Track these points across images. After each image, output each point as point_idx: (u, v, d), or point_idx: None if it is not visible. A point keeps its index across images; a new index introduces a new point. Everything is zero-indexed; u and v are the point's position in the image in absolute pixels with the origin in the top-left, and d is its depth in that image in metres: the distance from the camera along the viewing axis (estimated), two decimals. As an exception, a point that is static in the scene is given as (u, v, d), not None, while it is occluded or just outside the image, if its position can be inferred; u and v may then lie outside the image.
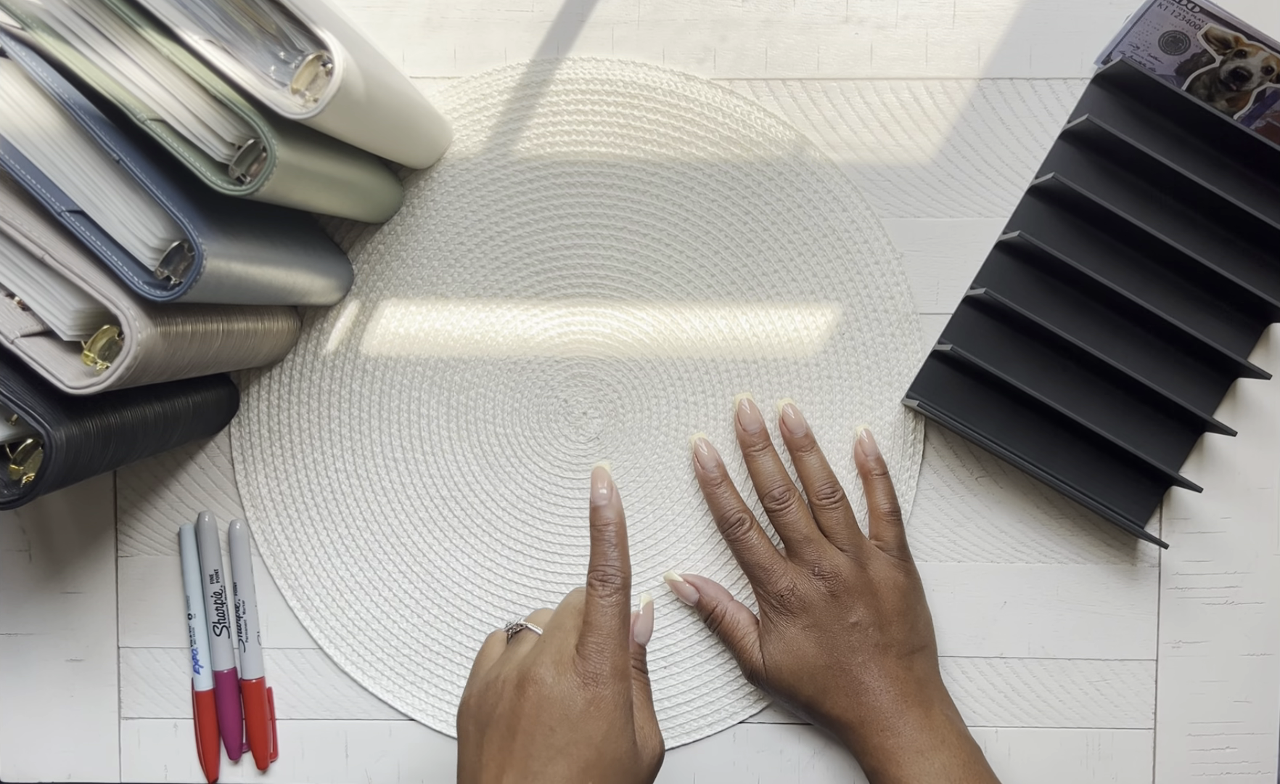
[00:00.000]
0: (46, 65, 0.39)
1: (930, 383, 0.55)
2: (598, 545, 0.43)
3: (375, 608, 0.56)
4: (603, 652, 0.41)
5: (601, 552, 0.43)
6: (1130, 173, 0.54)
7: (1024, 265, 0.54)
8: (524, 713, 0.40)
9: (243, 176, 0.39)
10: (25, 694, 0.57)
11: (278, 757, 0.56)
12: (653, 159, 0.55)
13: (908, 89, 0.55)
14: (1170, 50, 0.52)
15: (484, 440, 0.56)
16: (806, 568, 0.52)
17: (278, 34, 0.38)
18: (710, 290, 0.55)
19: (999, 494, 0.55)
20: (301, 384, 0.56)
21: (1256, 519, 0.55)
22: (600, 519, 0.43)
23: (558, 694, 0.40)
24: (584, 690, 0.40)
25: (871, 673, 0.50)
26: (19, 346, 0.39)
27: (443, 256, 0.55)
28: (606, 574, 0.42)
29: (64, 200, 0.39)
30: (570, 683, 0.41)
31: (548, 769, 0.39)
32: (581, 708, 0.40)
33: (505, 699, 0.41)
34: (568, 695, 0.40)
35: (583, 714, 0.40)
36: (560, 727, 0.40)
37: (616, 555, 0.43)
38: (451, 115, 0.55)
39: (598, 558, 0.43)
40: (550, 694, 0.40)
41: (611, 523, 0.43)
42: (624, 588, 0.43)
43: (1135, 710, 0.55)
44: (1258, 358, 0.55)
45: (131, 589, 0.56)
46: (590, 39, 0.55)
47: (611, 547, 0.43)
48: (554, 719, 0.40)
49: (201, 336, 0.44)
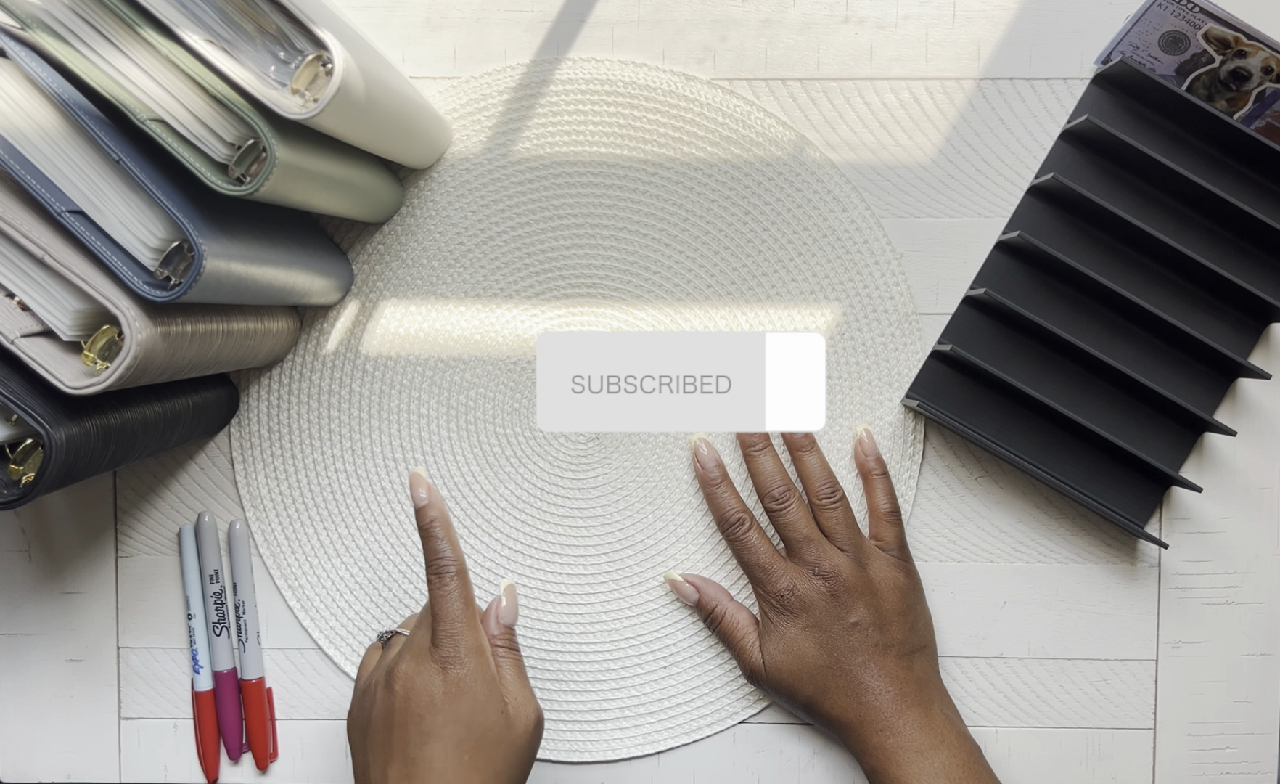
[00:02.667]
0: (46, 65, 0.39)
1: (930, 383, 0.55)
2: (428, 543, 0.47)
3: (375, 608, 0.56)
4: (452, 636, 0.45)
5: (432, 548, 0.47)
6: (1130, 173, 0.54)
7: (1024, 265, 0.54)
8: (395, 708, 0.44)
9: (243, 176, 0.39)
10: (25, 694, 0.57)
11: (278, 757, 0.56)
12: (653, 159, 0.55)
13: (908, 89, 0.55)
14: (1170, 50, 0.52)
15: (484, 440, 0.56)
16: (806, 568, 0.52)
17: (278, 34, 0.38)
18: (710, 290, 0.55)
19: (999, 494, 0.55)
20: (301, 384, 0.56)
21: (1256, 519, 0.55)
22: (424, 518, 0.47)
23: (421, 683, 0.44)
24: (442, 675, 0.44)
25: (871, 673, 0.50)
26: (19, 347, 0.39)
27: (443, 256, 0.55)
28: (441, 567, 0.46)
29: (64, 200, 0.39)
30: (430, 670, 0.44)
31: (423, 752, 0.43)
32: (443, 691, 0.44)
33: (378, 700, 0.45)
34: (430, 683, 0.44)
35: (445, 696, 0.44)
36: (428, 712, 0.44)
37: (446, 547, 0.46)
38: (451, 115, 0.55)
39: (430, 554, 0.47)
40: (414, 685, 0.44)
41: (435, 520, 0.47)
42: (460, 575, 0.46)
43: (1135, 710, 0.55)
44: (1258, 358, 0.55)
45: (131, 589, 0.56)
46: (590, 39, 0.55)
47: (440, 540, 0.47)
48: (421, 707, 0.44)
49: (201, 336, 0.44)
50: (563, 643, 0.56)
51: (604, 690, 0.56)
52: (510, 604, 0.49)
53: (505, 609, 0.49)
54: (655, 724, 0.55)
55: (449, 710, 0.44)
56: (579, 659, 0.56)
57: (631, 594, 0.56)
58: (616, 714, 0.55)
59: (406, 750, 0.44)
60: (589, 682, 0.56)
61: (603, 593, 0.56)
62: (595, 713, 0.56)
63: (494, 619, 0.48)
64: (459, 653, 0.45)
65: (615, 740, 0.55)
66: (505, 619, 0.48)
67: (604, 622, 0.56)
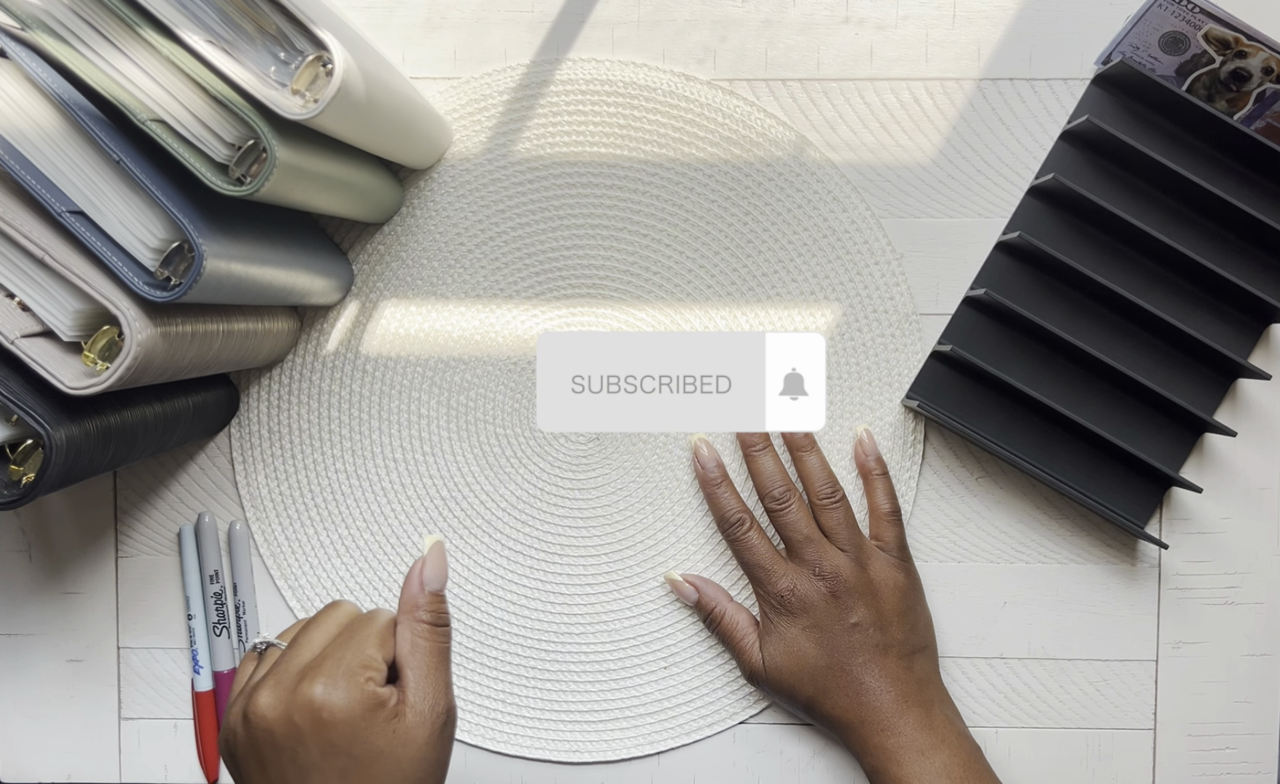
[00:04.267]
0: (46, 65, 0.39)
1: (930, 383, 0.55)
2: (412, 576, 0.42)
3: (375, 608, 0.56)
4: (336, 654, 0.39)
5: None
6: (1130, 173, 0.54)
7: (1024, 265, 0.54)
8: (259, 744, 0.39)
9: (243, 177, 0.39)
10: (25, 694, 0.57)
11: (278, 757, 0.56)
12: (653, 159, 0.55)
13: (908, 89, 0.55)
14: (1170, 51, 0.52)
15: (484, 440, 0.56)
16: (807, 568, 0.52)
17: (278, 34, 0.38)
18: (710, 290, 0.55)
19: (999, 494, 0.55)
20: (301, 384, 0.56)
21: (1256, 519, 0.55)
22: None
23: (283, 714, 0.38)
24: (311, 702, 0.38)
25: (872, 673, 0.50)
26: (19, 347, 0.39)
27: (443, 256, 0.55)
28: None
29: (64, 200, 0.39)
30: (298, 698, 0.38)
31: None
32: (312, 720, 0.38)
33: (239, 736, 0.39)
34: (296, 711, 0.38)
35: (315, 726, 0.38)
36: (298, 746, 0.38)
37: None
38: (451, 115, 0.55)
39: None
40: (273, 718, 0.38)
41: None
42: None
43: (1135, 711, 0.55)
44: (1258, 358, 0.55)
45: (131, 589, 0.56)
46: (590, 39, 0.55)
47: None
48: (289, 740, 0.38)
49: (201, 337, 0.44)
50: (563, 643, 0.56)
51: (604, 690, 0.56)
52: (436, 565, 0.42)
53: (430, 572, 0.41)
54: (655, 724, 0.55)
55: (322, 740, 0.37)
56: (579, 659, 0.56)
57: (631, 594, 0.56)
58: (616, 714, 0.55)
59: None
60: (589, 682, 0.56)
61: (603, 593, 0.56)
62: (595, 713, 0.56)
63: (417, 583, 0.41)
64: (336, 673, 0.38)
65: (615, 740, 0.55)
66: (431, 584, 0.41)
67: (604, 622, 0.56)
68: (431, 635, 0.41)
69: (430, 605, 0.41)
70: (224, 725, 0.41)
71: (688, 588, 0.54)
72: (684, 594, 0.55)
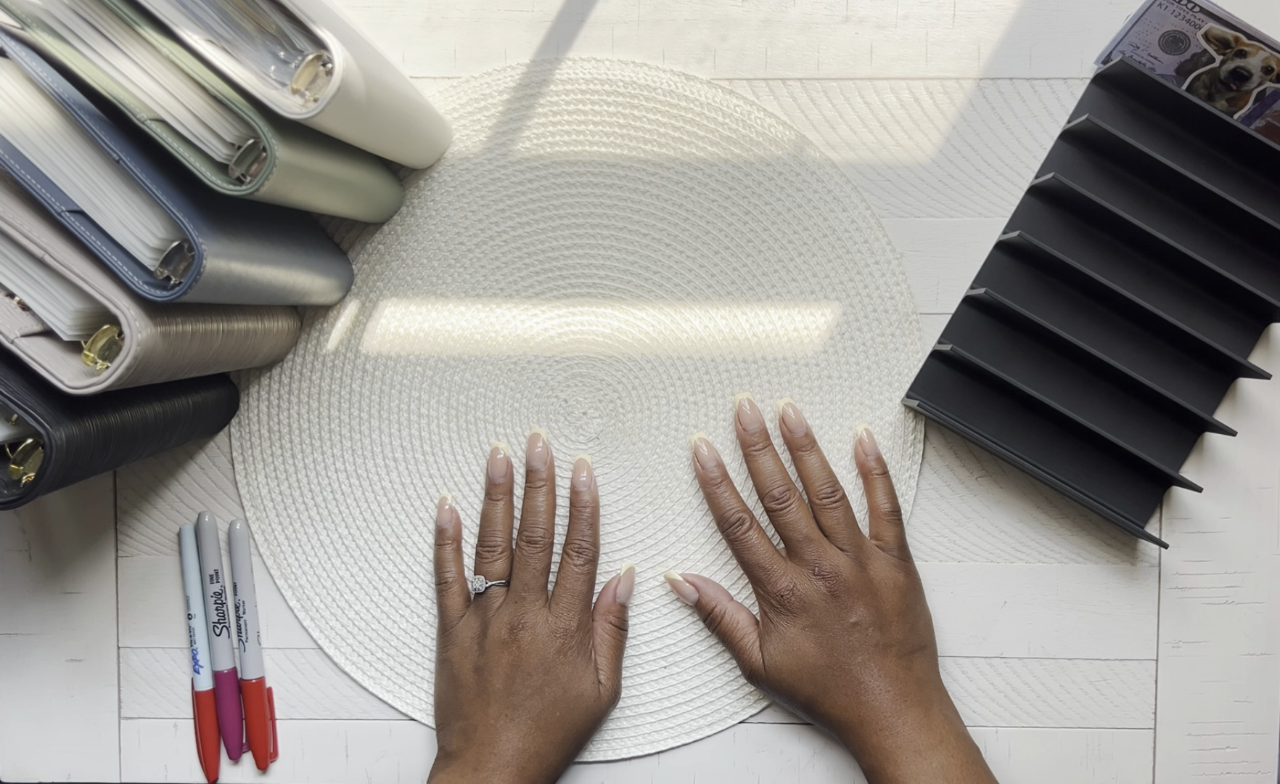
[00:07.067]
0: (46, 65, 0.39)
1: (930, 383, 0.55)
2: (576, 525, 0.54)
3: (375, 608, 0.56)
4: (574, 608, 0.52)
5: (579, 529, 0.53)
6: (1130, 172, 0.54)
7: (1024, 265, 0.54)
8: (512, 659, 0.51)
9: (243, 176, 0.39)
10: (25, 694, 0.57)
11: (278, 757, 0.56)
12: (653, 159, 0.55)
13: (908, 89, 0.55)
14: (1170, 50, 0.52)
15: (484, 440, 0.56)
16: (807, 568, 0.52)
17: (278, 34, 0.38)
18: (710, 290, 0.55)
19: (999, 494, 0.55)
20: (301, 384, 0.56)
21: (1256, 519, 0.55)
22: (579, 501, 0.54)
23: (539, 644, 0.51)
24: (557, 641, 0.52)
25: (871, 673, 0.50)
26: (19, 346, 0.39)
27: (443, 256, 0.55)
28: (581, 546, 0.53)
29: (64, 200, 0.39)
30: (547, 635, 0.51)
31: (527, 703, 0.51)
32: (555, 654, 0.51)
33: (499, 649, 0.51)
34: (545, 645, 0.51)
35: (556, 659, 0.51)
36: (537, 671, 0.51)
37: (590, 533, 0.53)
38: (451, 115, 0.55)
39: (575, 534, 0.53)
40: (534, 644, 0.51)
41: (588, 506, 0.54)
42: (593, 560, 0.54)
43: (1135, 710, 0.55)
44: (1258, 358, 0.55)
45: (131, 589, 0.56)
46: (590, 39, 0.55)
47: (588, 525, 0.54)
48: (533, 664, 0.51)
49: (201, 336, 0.44)
50: (563, 643, 0.56)
51: (604, 690, 0.56)
52: (627, 584, 0.55)
53: (623, 588, 0.54)
54: (655, 724, 0.55)
55: (554, 672, 0.51)
56: (579, 659, 0.56)
57: (632, 594, 0.56)
58: (617, 714, 0.55)
59: (511, 697, 0.51)
60: (589, 681, 0.56)
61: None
62: (595, 713, 0.56)
63: (612, 594, 0.54)
64: (573, 625, 0.52)
65: (615, 740, 0.55)
66: (622, 597, 0.54)
67: (604, 621, 0.56)
68: (616, 634, 0.54)
69: (617, 613, 0.54)
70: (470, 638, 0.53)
71: (688, 587, 0.54)
72: (684, 594, 0.55)
